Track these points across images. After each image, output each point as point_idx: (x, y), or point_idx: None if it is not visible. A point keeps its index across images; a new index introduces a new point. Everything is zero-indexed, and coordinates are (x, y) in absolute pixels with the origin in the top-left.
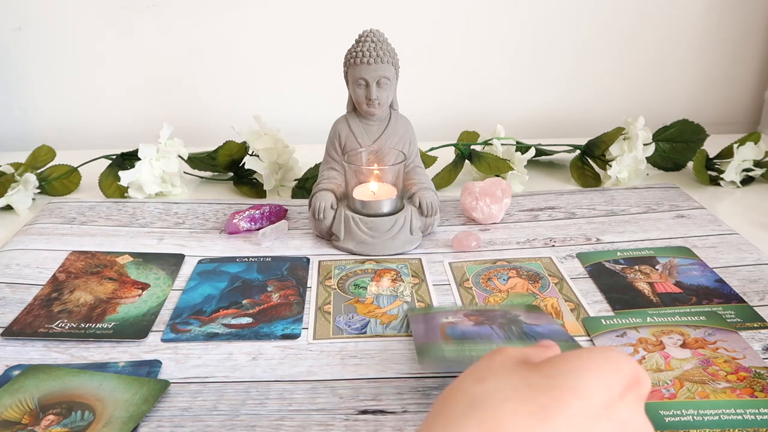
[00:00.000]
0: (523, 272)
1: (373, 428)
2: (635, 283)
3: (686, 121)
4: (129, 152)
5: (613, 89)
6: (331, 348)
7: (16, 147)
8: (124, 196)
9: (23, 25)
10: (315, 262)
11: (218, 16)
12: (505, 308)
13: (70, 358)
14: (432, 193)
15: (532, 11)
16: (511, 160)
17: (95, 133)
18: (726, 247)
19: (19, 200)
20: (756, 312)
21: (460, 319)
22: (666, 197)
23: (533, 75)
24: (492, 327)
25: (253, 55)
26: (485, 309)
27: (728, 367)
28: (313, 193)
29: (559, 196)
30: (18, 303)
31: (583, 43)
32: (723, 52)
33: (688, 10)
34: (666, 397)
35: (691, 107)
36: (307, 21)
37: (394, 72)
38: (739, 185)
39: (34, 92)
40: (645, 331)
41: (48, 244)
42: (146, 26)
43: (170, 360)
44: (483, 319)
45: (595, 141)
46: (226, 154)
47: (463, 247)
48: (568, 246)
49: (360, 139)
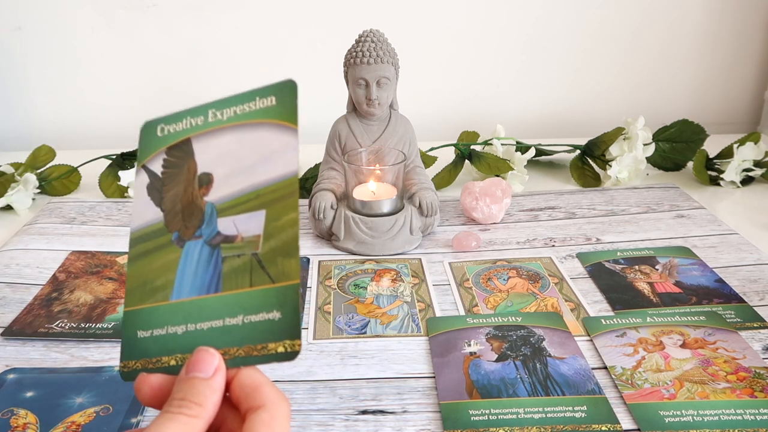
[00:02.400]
0: (523, 272)
1: (373, 428)
2: (635, 283)
3: (686, 121)
4: (129, 152)
5: (613, 89)
6: (331, 348)
7: (16, 147)
8: (124, 196)
9: (23, 25)
10: (315, 262)
11: (218, 16)
12: (525, 324)
13: (70, 358)
14: (432, 193)
15: (532, 11)
16: (511, 160)
17: (95, 133)
18: (726, 247)
19: (19, 200)
20: (756, 312)
21: (483, 347)
22: (666, 197)
23: (533, 75)
24: (515, 363)
25: (253, 55)
26: (506, 326)
27: (728, 367)
28: (313, 193)
29: (559, 196)
30: (18, 303)
31: (583, 44)
32: (723, 52)
33: (689, 11)
34: (666, 397)
35: (691, 107)
36: (307, 21)
37: (394, 72)
38: (739, 185)
39: (34, 92)
40: (645, 331)
41: (48, 244)
42: (146, 26)
43: None
44: (506, 347)
45: (595, 141)
46: None
47: (463, 247)
48: (568, 246)
49: (360, 139)
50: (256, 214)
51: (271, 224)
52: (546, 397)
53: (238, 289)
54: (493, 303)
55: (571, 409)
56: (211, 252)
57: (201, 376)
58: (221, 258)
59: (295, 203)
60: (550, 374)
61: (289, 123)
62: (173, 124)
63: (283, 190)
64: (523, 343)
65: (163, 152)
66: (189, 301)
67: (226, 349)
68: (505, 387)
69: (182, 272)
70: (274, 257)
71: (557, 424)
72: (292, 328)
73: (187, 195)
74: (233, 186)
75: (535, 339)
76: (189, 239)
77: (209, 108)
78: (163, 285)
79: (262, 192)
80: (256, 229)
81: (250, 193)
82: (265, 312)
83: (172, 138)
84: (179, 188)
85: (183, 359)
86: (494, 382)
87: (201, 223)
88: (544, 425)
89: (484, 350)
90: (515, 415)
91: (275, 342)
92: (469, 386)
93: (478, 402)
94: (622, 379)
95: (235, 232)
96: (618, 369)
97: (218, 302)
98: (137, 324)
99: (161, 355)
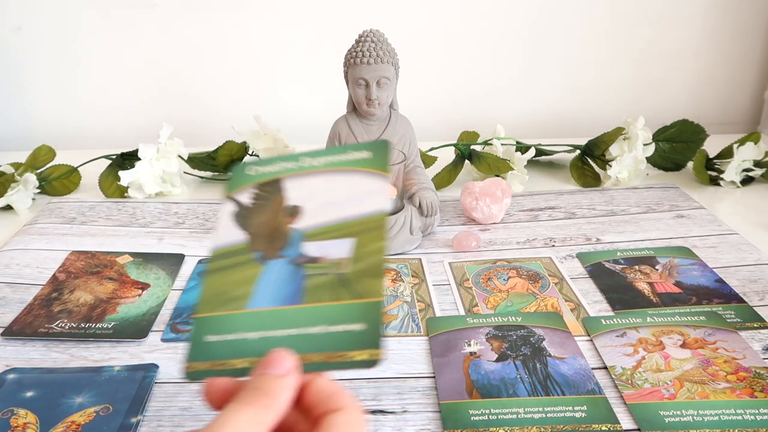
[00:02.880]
0: (523, 272)
1: (373, 428)
2: (635, 283)
3: (686, 121)
4: (129, 152)
5: (613, 89)
6: None
7: (16, 147)
8: (124, 196)
9: (23, 25)
10: None
11: (218, 16)
12: (525, 324)
13: (70, 358)
14: (432, 193)
15: (532, 11)
16: (511, 160)
17: (95, 133)
18: (726, 247)
19: (19, 200)
20: (756, 312)
21: (483, 347)
22: (666, 197)
23: (533, 75)
24: (516, 363)
25: (254, 55)
26: (506, 326)
27: (728, 367)
28: None
29: (559, 196)
30: (18, 303)
31: (584, 43)
32: (723, 52)
33: (689, 11)
34: (666, 397)
35: (691, 107)
36: (307, 21)
37: (394, 72)
38: (739, 185)
39: (34, 92)
40: (645, 331)
41: (48, 244)
42: (146, 26)
43: (170, 360)
44: (506, 347)
45: (595, 141)
46: (226, 154)
47: (463, 247)
48: (568, 246)
49: (360, 139)
50: (344, 241)
51: (359, 250)
52: (546, 397)
53: (321, 302)
54: (493, 303)
55: (571, 409)
56: (294, 270)
57: (275, 372)
58: (305, 275)
59: (384, 234)
60: (550, 374)
61: (382, 172)
62: (265, 166)
63: (372, 223)
64: (523, 343)
65: (253, 187)
66: (266, 311)
67: (303, 355)
68: (505, 387)
69: (261, 286)
70: (361, 277)
71: (557, 424)
72: (376, 339)
73: (273, 222)
74: (322, 217)
75: (535, 339)
76: (272, 258)
77: (303, 156)
78: (240, 296)
79: (351, 224)
80: (344, 254)
81: (340, 224)
82: (348, 323)
83: (263, 177)
84: (266, 216)
85: (253, 362)
86: (494, 382)
87: (285, 245)
88: (544, 425)
89: (484, 350)
90: (515, 415)
91: (357, 350)
92: (469, 386)
93: (478, 402)
94: (622, 379)
95: (321, 255)
96: (618, 369)
97: (297, 313)
98: (208, 329)
99: (230, 358)
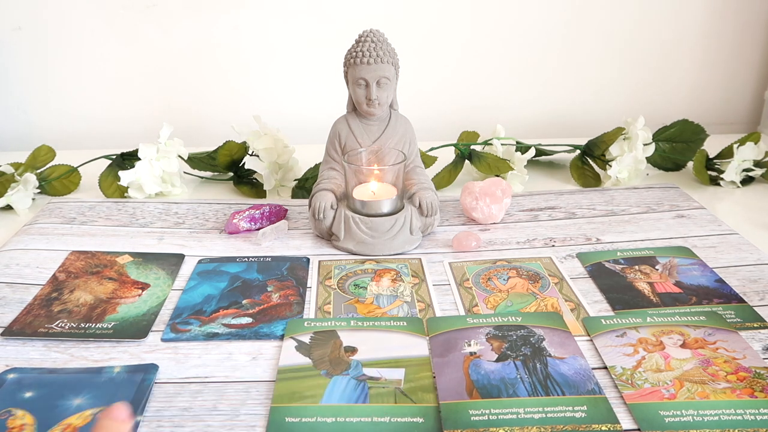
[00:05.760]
0: (523, 272)
1: None
2: (635, 283)
3: (686, 121)
4: (129, 152)
5: (613, 89)
6: None
7: (16, 147)
8: (124, 196)
9: (23, 25)
10: (315, 262)
11: (218, 16)
12: (526, 324)
13: (70, 358)
14: (432, 193)
15: (532, 11)
16: (511, 160)
17: (95, 133)
18: (726, 247)
19: (19, 200)
20: (756, 312)
21: (483, 347)
22: (666, 197)
23: (533, 75)
24: (516, 363)
25: (253, 55)
26: (506, 326)
27: (728, 367)
28: (313, 193)
29: (559, 196)
30: (18, 303)
31: (584, 44)
32: (723, 52)
33: (689, 11)
34: (666, 397)
35: (691, 107)
36: (307, 21)
37: (394, 72)
38: (739, 185)
39: (34, 92)
40: (645, 331)
41: (48, 244)
42: (146, 26)
43: (170, 360)
44: (506, 347)
45: (595, 141)
46: (226, 154)
47: (463, 247)
48: (568, 246)
49: (360, 139)
50: (398, 370)
51: (410, 375)
52: (546, 397)
53: (384, 404)
54: (493, 303)
55: (571, 409)
56: (357, 383)
57: None
58: (368, 386)
59: (429, 368)
60: (550, 374)
61: (420, 335)
62: (317, 323)
63: (417, 361)
64: (523, 343)
65: (310, 333)
66: (338, 405)
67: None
68: (505, 387)
69: (330, 391)
70: (415, 391)
71: (557, 424)
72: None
73: (333, 354)
74: (376, 354)
75: (535, 339)
76: (336, 375)
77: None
78: (313, 396)
79: (401, 360)
80: (399, 376)
81: (392, 360)
82: (411, 417)
83: (315, 329)
84: (326, 350)
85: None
86: (494, 382)
87: (347, 369)
88: (544, 425)
89: (484, 350)
90: (515, 415)
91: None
92: (469, 386)
93: (478, 402)
94: (622, 379)
95: (380, 376)
96: (618, 369)
97: (366, 408)
98: (286, 414)
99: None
